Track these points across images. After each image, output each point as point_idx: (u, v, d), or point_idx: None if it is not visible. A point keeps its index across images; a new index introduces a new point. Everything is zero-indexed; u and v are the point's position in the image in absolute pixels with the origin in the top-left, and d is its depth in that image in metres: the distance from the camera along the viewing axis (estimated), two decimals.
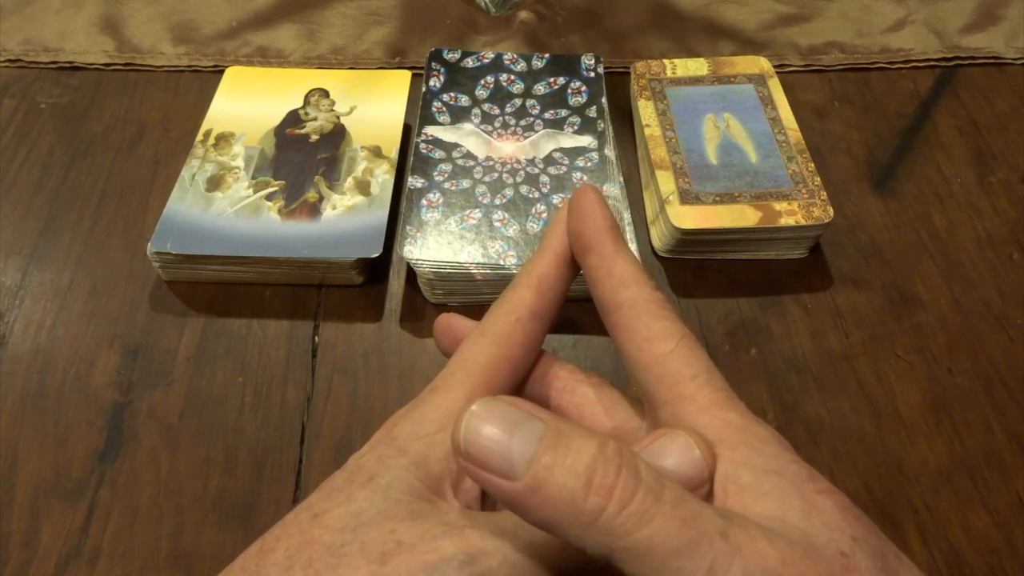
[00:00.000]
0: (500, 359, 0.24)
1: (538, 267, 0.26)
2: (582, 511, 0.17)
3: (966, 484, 0.37)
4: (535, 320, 0.25)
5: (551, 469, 0.18)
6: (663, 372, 0.22)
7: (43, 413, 0.39)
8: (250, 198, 0.45)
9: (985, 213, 0.48)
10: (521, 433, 0.18)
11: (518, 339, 0.25)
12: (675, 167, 0.46)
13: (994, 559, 0.35)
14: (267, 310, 0.43)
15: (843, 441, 0.38)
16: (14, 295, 0.44)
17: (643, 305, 0.23)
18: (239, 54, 0.57)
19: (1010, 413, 0.39)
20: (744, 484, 0.20)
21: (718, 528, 0.18)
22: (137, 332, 0.42)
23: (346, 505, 0.21)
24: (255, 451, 0.38)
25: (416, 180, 0.45)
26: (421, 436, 0.23)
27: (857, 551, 0.18)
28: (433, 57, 0.52)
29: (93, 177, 0.49)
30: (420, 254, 0.42)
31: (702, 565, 0.17)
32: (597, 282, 0.24)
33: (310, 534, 0.21)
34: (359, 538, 0.20)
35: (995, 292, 0.44)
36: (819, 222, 0.43)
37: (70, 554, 0.34)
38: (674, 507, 0.18)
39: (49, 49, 0.57)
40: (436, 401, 0.23)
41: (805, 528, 0.19)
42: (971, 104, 0.55)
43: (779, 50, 0.58)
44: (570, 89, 0.51)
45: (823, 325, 0.43)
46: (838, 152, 0.52)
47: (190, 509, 0.36)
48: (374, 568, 0.20)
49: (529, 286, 0.25)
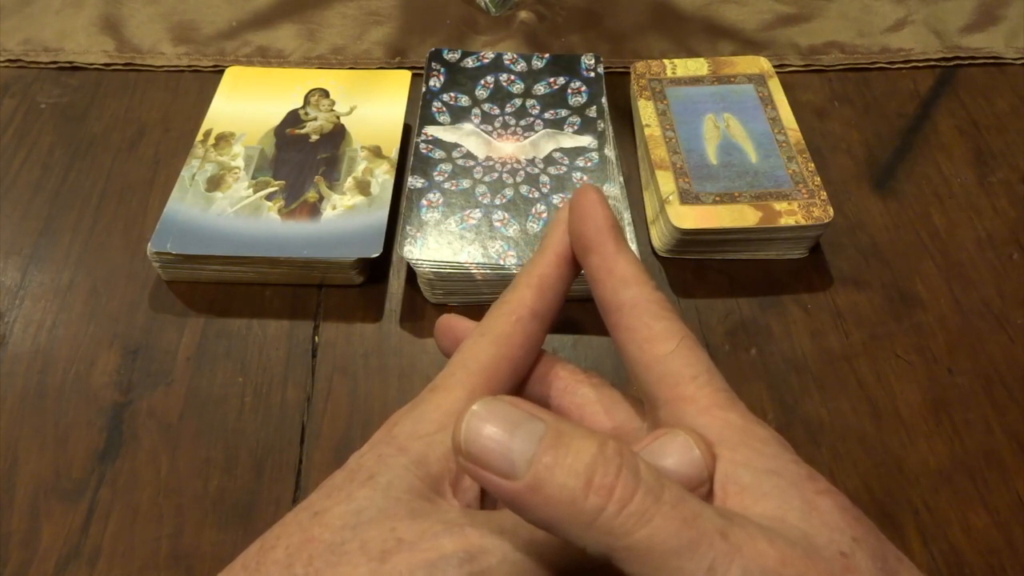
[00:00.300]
0: (501, 359, 0.24)
1: (539, 267, 0.26)
2: (582, 511, 0.17)
3: (966, 484, 0.37)
4: (536, 320, 0.25)
5: (551, 469, 0.18)
6: (664, 372, 0.22)
7: (43, 413, 0.39)
8: (250, 198, 0.45)
9: (985, 213, 0.48)
10: (521, 433, 0.18)
11: (519, 339, 0.25)
12: (675, 167, 0.46)
13: (994, 559, 0.35)
14: (267, 310, 0.43)
15: (843, 441, 0.38)
16: (14, 295, 0.44)
17: (644, 305, 0.23)
18: (239, 54, 0.57)
19: (1010, 413, 0.39)
20: (744, 484, 0.20)
21: (718, 528, 0.18)
22: (137, 332, 0.42)
23: (346, 503, 0.21)
24: (255, 451, 0.38)
25: (416, 180, 0.45)
26: (421, 435, 0.23)
27: (857, 551, 0.18)
28: (433, 57, 0.52)
29: (93, 177, 0.49)
30: (420, 254, 0.42)
31: (702, 565, 0.17)
32: (598, 282, 0.24)
33: (310, 532, 0.21)
34: (359, 536, 0.20)
35: (995, 292, 0.44)
36: (819, 222, 0.43)
37: (70, 554, 0.34)
38: (674, 507, 0.18)
39: (49, 49, 0.57)
40: (436, 401, 0.24)
41: (805, 528, 0.19)
42: (971, 104, 0.55)
43: (779, 50, 0.58)
44: (570, 89, 0.51)
45: (823, 325, 0.43)
46: (838, 152, 0.52)
47: (190, 509, 0.36)
48: (374, 566, 0.20)
49: (530, 286, 0.25)
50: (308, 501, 0.22)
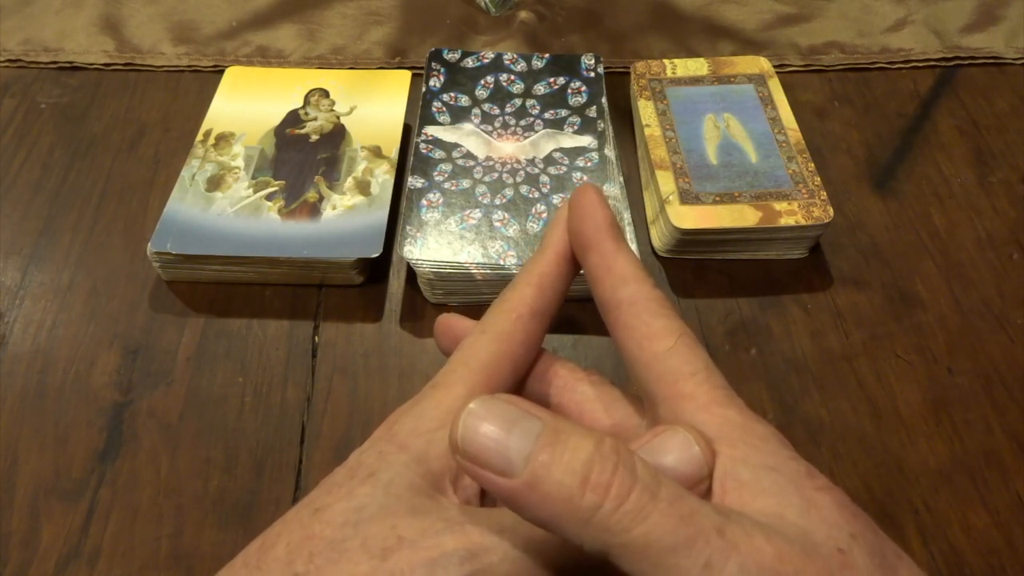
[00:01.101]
0: (501, 356, 0.24)
1: (539, 266, 0.26)
2: (578, 508, 0.18)
3: (966, 484, 0.37)
4: (535, 318, 0.25)
5: (548, 467, 0.18)
6: (663, 369, 0.22)
7: (43, 413, 0.39)
8: (250, 198, 0.45)
9: (985, 213, 0.48)
10: (519, 431, 0.18)
11: (519, 337, 0.25)
12: (675, 167, 0.46)
13: (994, 559, 0.35)
14: (267, 310, 0.43)
15: (843, 441, 0.38)
16: (14, 295, 0.44)
17: (643, 303, 0.23)
18: (239, 54, 0.57)
19: (1010, 413, 0.39)
20: (743, 481, 0.20)
21: (715, 525, 0.18)
22: (137, 332, 0.42)
23: (347, 501, 0.21)
24: (255, 451, 0.38)
25: (416, 180, 0.45)
26: (422, 433, 0.23)
27: (855, 548, 0.18)
28: (433, 57, 0.52)
29: (93, 177, 0.49)
30: (420, 254, 0.42)
31: (698, 561, 0.17)
32: (597, 280, 0.24)
33: (311, 529, 0.21)
34: (360, 533, 0.20)
35: (995, 292, 0.44)
36: (819, 222, 0.43)
37: (70, 554, 0.34)
38: (671, 504, 0.18)
39: (49, 49, 0.57)
40: (437, 398, 0.24)
41: (803, 525, 0.19)
42: (971, 104, 0.55)
43: (779, 50, 0.58)
44: (570, 89, 0.51)
45: (823, 325, 0.43)
46: (838, 152, 0.52)
47: (190, 509, 0.36)
48: (375, 563, 0.20)
49: (530, 284, 0.26)
50: (309, 498, 0.22)
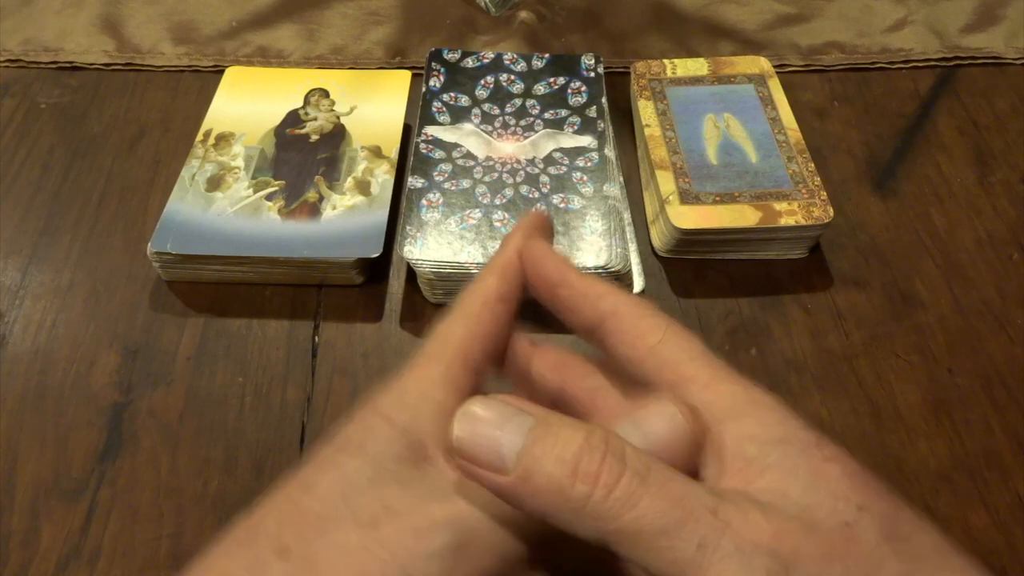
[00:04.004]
0: (472, 336, 0.26)
1: (501, 259, 0.27)
2: (570, 498, 0.18)
3: (966, 484, 0.37)
4: (501, 302, 0.27)
5: (539, 460, 0.18)
6: (661, 360, 0.23)
7: (43, 413, 0.39)
8: (250, 198, 0.45)
9: (985, 213, 0.48)
10: (511, 427, 0.19)
11: (487, 318, 0.26)
12: (675, 167, 0.46)
13: (994, 559, 0.35)
14: (267, 310, 0.43)
15: (843, 441, 0.38)
16: (14, 295, 0.44)
17: (625, 308, 0.24)
18: (239, 54, 0.57)
19: (1010, 413, 0.39)
20: (749, 458, 0.20)
21: (707, 506, 0.18)
22: (137, 332, 0.42)
23: (335, 473, 0.21)
24: (255, 451, 0.38)
25: (416, 180, 0.45)
26: (406, 406, 0.23)
27: (863, 520, 0.18)
28: (433, 57, 0.52)
29: (93, 177, 0.49)
30: (420, 254, 0.42)
31: (691, 543, 0.17)
32: (574, 308, 0.26)
33: (300, 504, 0.21)
34: (350, 506, 0.20)
35: (995, 292, 0.44)
36: (819, 222, 0.43)
37: (70, 554, 0.34)
38: (661, 488, 0.18)
39: (49, 49, 0.57)
40: (416, 374, 0.24)
41: (807, 500, 0.19)
42: (971, 104, 0.55)
43: (779, 50, 0.58)
44: (570, 89, 0.51)
45: (823, 325, 0.43)
46: (838, 152, 0.52)
47: (190, 509, 0.36)
48: (364, 533, 0.20)
49: (493, 274, 0.27)
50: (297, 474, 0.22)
